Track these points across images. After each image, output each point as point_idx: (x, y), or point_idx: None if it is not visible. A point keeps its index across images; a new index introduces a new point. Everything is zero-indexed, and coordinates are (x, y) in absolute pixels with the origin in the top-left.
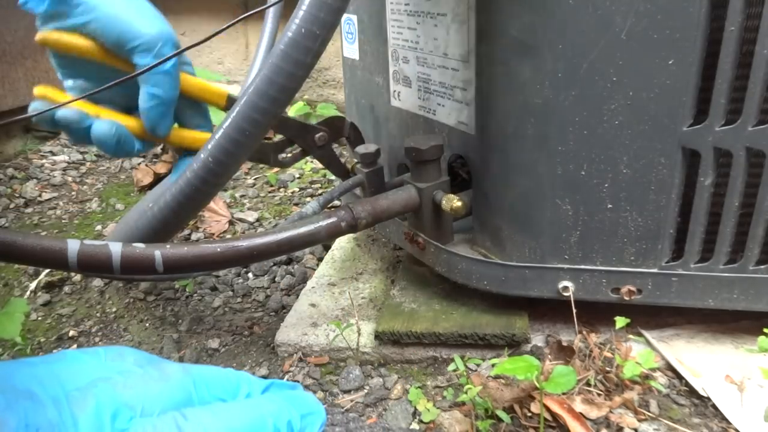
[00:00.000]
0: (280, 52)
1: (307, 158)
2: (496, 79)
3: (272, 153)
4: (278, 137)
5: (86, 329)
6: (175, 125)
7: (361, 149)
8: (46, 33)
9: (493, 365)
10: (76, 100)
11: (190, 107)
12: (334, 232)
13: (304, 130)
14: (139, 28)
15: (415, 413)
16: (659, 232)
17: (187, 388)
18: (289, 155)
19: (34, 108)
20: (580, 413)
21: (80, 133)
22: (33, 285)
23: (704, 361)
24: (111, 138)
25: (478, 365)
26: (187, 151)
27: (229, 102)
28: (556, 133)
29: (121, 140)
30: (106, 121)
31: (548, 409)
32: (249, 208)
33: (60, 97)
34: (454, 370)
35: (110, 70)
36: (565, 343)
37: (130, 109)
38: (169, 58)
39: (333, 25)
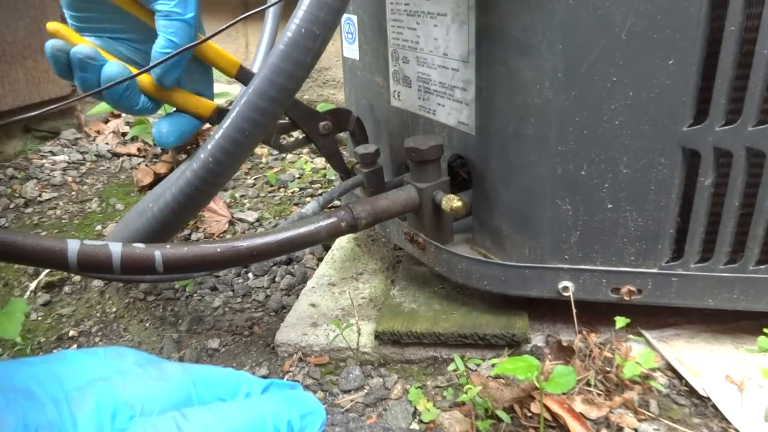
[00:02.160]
0: (280, 52)
1: (307, 159)
2: (496, 79)
3: (275, 134)
4: (283, 120)
5: (86, 329)
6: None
7: (360, 149)
8: None
9: (493, 365)
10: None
11: (198, 71)
12: (334, 232)
13: (310, 115)
14: None
15: (415, 413)
16: (659, 232)
17: (186, 388)
18: (291, 141)
19: (50, 45)
20: (580, 413)
21: (90, 72)
22: (33, 285)
23: (704, 361)
24: (121, 80)
25: (478, 365)
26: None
27: (242, 72)
28: (556, 133)
29: (130, 86)
30: (118, 63)
31: (548, 409)
32: (249, 208)
33: (73, 35)
34: (454, 370)
35: (126, 23)
36: (565, 343)
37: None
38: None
39: (333, 25)
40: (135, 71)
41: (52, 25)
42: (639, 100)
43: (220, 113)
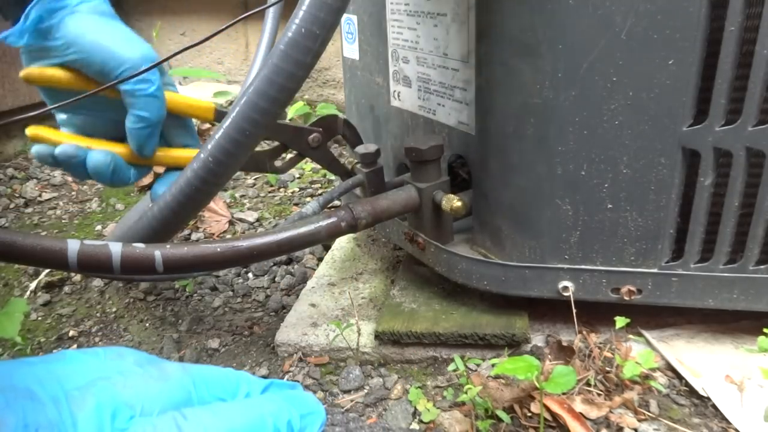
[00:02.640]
0: (280, 52)
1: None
2: (496, 79)
3: (268, 160)
4: (273, 144)
5: (86, 329)
6: (162, 146)
7: (361, 149)
8: (29, 70)
9: (493, 365)
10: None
11: (177, 125)
12: (334, 232)
13: (297, 133)
14: (122, 53)
15: (415, 413)
16: (659, 232)
17: (186, 388)
18: (286, 160)
19: (35, 151)
20: (580, 413)
21: (78, 168)
22: (33, 285)
23: (704, 361)
24: (107, 167)
25: (478, 365)
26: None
27: (218, 114)
28: (556, 133)
29: (116, 169)
30: (100, 150)
31: (548, 409)
32: (249, 208)
33: (53, 135)
34: (454, 370)
35: (100, 102)
36: (565, 343)
37: (123, 139)
38: (159, 64)
39: (333, 25)
40: (117, 148)
41: (30, 130)
42: (639, 100)
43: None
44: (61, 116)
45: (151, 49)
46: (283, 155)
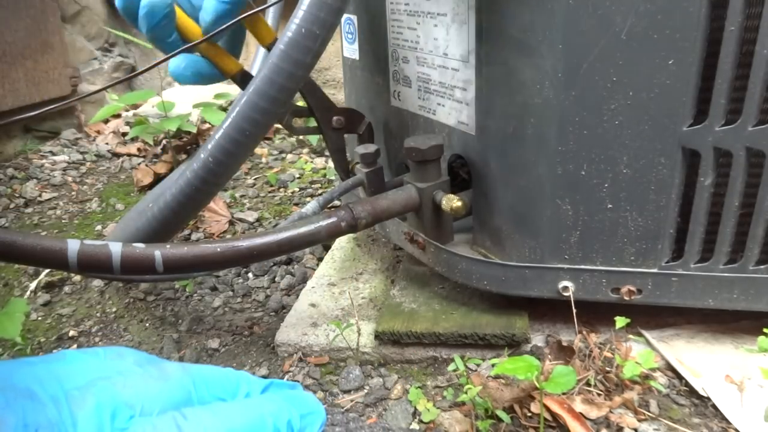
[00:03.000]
0: (280, 52)
1: (307, 159)
2: (496, 79)
3: (289, 114)
4: (301, 103)
5: (86, 329)
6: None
7: (360, 149)
8: None
9: (493, 365)
10: None
11: (237, 29)
12: (334, 232)
13: (327, 106)
14: None
15: (415, 413)
16: (659, 232)
17: (186, 388)
18: (301, 126)
19: None
20: (580, 413)
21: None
22: (33, 285)
23: (704, 361)
24: (162, 8)
25: (478, 365)
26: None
27: (271, 42)
28: (556, 133)
29: (168, 16)
30: None
31: (548, 409)
32: (249, 208)
33: None
34: (454, 370)
35: None
36: (565, 343)
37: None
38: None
39: (333, 25)
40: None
41: None
42: (639, 100)
43: (244, 76)
44: None
45: None
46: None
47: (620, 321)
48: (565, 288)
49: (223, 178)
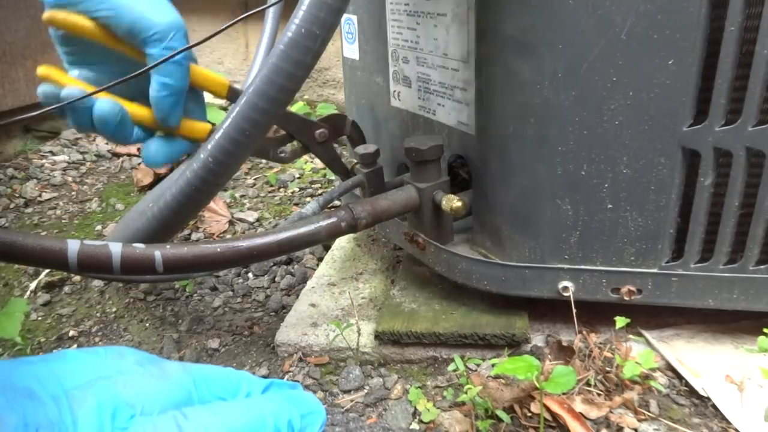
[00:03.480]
0: (280, 52)
1: (307, 158)
2: (496, 79)
3: (272, 148)
4: (279, 132)
5: (86, 329)
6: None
7: (360, 149)
8: (53, 12)
9: (493, 365)
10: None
11: (190, 96)
12: (334, 232)
13: (305, 125)
14: (152, 17)
15: (415, 413)
16: (659, 232)
17: (187, 387)
18: (289, 151)
19: (42, 91)
20: (580, 413)
21: (83, 114)
22: (33, 285)
23: (704, 361)
24: (114, 117)
25: (478, 365)
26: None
27: (231, 92)
28: (556, 133)
29: (123, 121)
30: (108, 100)
31: (548, 409)
32: (249, 208)
33: (63, 78)
34: (454, 370)
35: (116, 59)
36: (565, 343)
37: (133, 97)
38: (180, 51)
39: (333, 25)
40: (127, 106)
41: (42, 70)
42: (639, 100)
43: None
44: (73, 72)
45: (179, 16)
46: (287, 148)
47: (620, 321)
48: (565, 288)
49: (223, 178)
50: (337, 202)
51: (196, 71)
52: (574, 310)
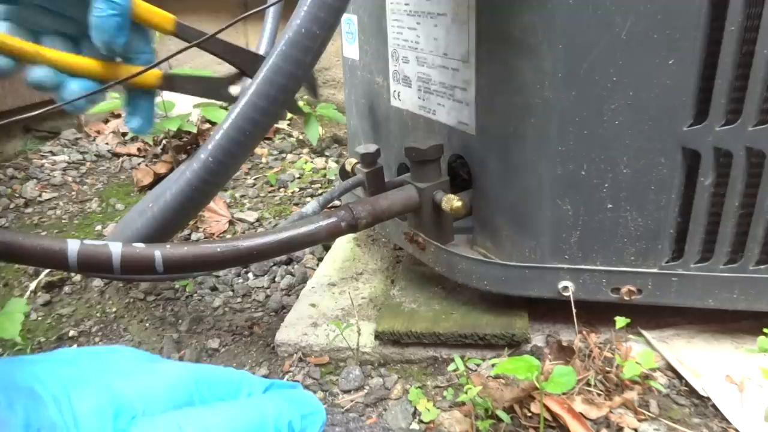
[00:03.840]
0: (280, 51)
1: (307, 158)
2: (496, 79)
3: (223, 87)
4: (230, 71)
5: (86, 329)
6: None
7: (361, 149)
8: None
9: (493, 365)
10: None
11: (134, 32)
12: (334, 232)
13: (256, 59)
14: None
15: (415, 413)
16: (659, 232)
17: (188, 388)
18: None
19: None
20: (580, 413)
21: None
22: (33, 285)
23: (704, 361)
24: (51, 81)
25: (478, 365)
26: (137, 90)
27: (179, 27)
28: (556, 133)
29: (62, 83)
30: (40, 68)
31: (548, 409)
32: (249, 208)
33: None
34: (454, 370)
35: None
36: (565, 343)
37: (77, 39)
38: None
39: (333, 25)
40: (70, 58)
41: None
42: (639, 100)
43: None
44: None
45: None
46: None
47: (620, 321)
48: (565, 288)
49: (223, 178)
50: (337, 202)
51: (139, 3)
52: (574, 310)
